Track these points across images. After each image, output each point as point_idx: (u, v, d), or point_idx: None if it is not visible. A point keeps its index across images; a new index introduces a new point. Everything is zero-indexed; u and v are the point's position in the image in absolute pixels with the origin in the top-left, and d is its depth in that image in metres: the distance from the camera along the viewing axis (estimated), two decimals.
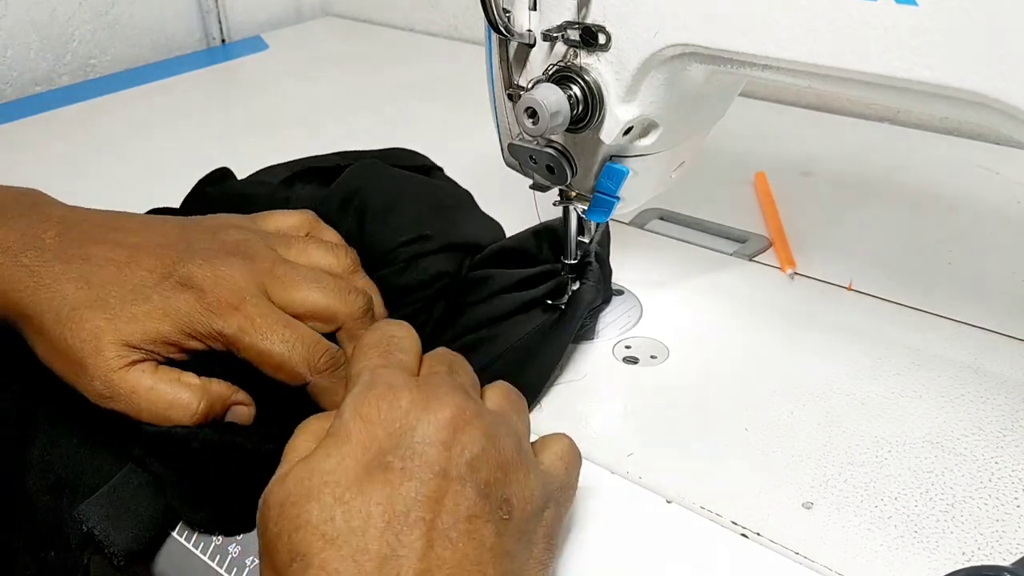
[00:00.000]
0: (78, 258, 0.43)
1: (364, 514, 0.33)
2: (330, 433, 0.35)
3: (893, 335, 0.53)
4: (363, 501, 0.33)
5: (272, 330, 0.43)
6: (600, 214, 0.51)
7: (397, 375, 0.37)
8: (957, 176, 0.74)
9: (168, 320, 0.42)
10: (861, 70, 0.38)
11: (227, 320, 0.42)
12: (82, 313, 0.41)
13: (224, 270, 0.44)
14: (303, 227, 0.51)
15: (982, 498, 0.42)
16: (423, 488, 0.33)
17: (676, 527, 0.42)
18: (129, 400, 0.41)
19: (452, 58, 1.10)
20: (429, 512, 0.33)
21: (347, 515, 0.32)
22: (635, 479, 0.44)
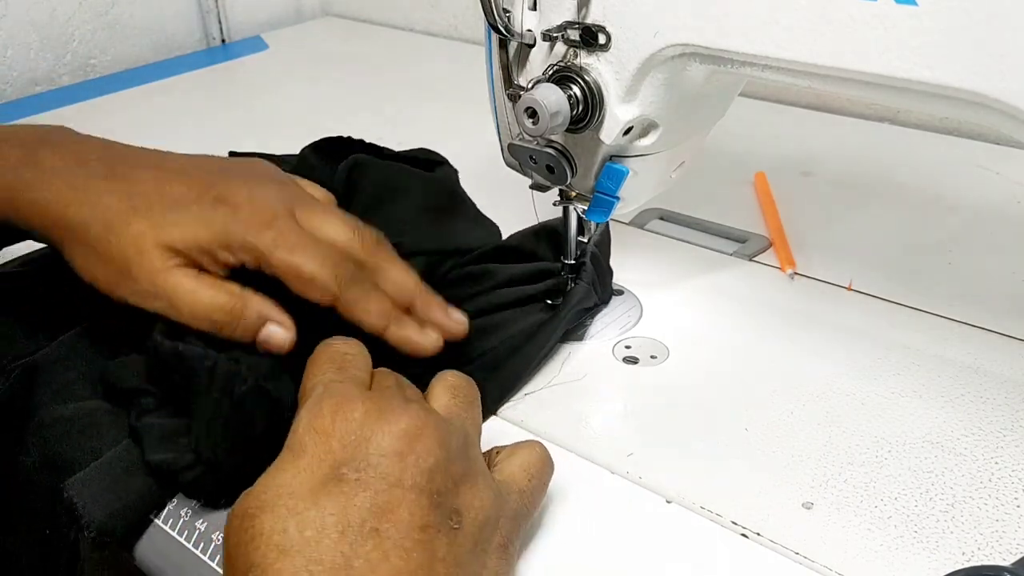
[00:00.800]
0: (120, 178, 0.45)
1: (318, 525, 0.33)
2: (286, 447, 0.36)
3: (893, 335, 0.53)
4: (318, 512, 0.33)
5: (303, 246, 0.45)
6: (600, 214, 0.51)
7: (350, 388, 0.37)
8: (957, 176, 0.74)
9: (206, 229, 0.44)
10: (861, 70, 0.38)
11: (260, 234, 0.44)
12: (126, 218, 0.44)
13: (259, 190, 0.46)
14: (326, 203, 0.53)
15: (982, 498, 0.42)
16: (378, 499, 0.34)
17: (676, 527, 0.42)
18: (171, 299, 0.43)
19: (452, 58, 1.10)
20: (384, 522, 0.33)
21: (300, 526, 0.33)
22: (635, 479, 0.44)
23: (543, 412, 0.49)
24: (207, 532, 0.44)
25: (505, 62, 0.49)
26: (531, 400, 0.49)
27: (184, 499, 0.45)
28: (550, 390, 0.50)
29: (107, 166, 0.46)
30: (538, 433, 0.47)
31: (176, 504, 0.45)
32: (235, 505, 0.35)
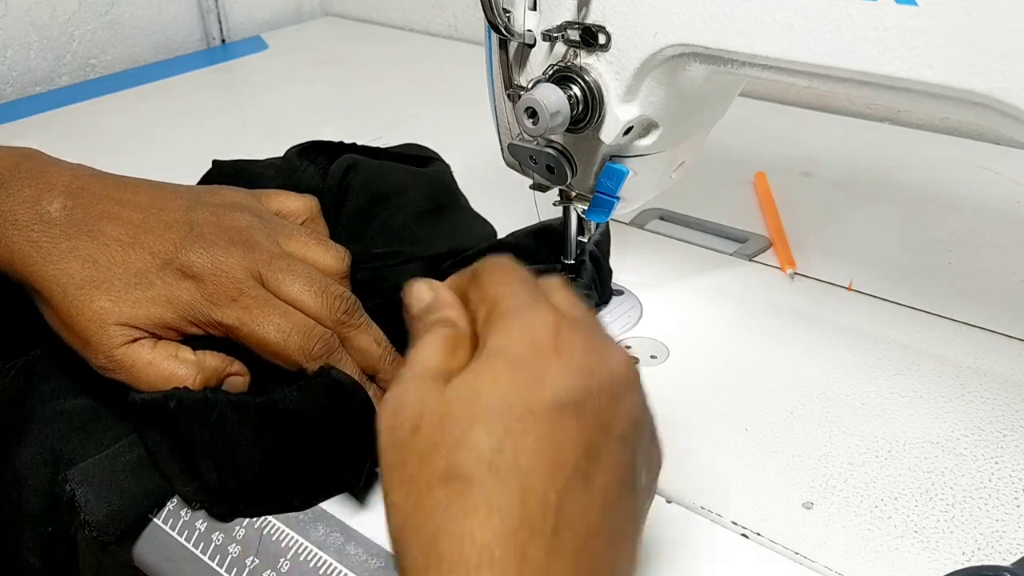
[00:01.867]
0: (84, 234, 0.45)
1: (535, 451, 0.31)
2: (499, 355, 0.33)
3: (893, 335, 0.53)
4: (535, 440, 0.31)
5: (269, 320, 0.44)
6: (600, 214, 0.51)
7: (557, 312, 0.34)
8: (957, 176, 0.74)
9: (170, 307, 0.44)
10: (861, 70, 0.38)
11: (226, 311, 0.44)
12: (89, 293, 0.43)
13: (223, 260, 0.45)
14: (304, 213, 0.53)
15: (982, 498, 0.42)
16: (592, 441, 0.32)
17: (676, 527, 0.42)
18: (130, 373, 0.43)
19: (452, 58, 1.10)
20: (594, 467, 0.31)
21: (517, 450, 0.30)
22: None
23: None
24: (207, 532, 0.44)
25: (505, 62, 0.49)
26: None
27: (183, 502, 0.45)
28: None
29: (70, 219, 0.45)
30: None
31: (176, 504, 0.45)
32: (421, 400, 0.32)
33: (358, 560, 0.41)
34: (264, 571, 0.42)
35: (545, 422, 0.31)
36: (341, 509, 0.44)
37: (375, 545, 0.41)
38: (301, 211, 0.52)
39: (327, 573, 0.41)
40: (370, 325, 0.47)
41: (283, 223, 0.50)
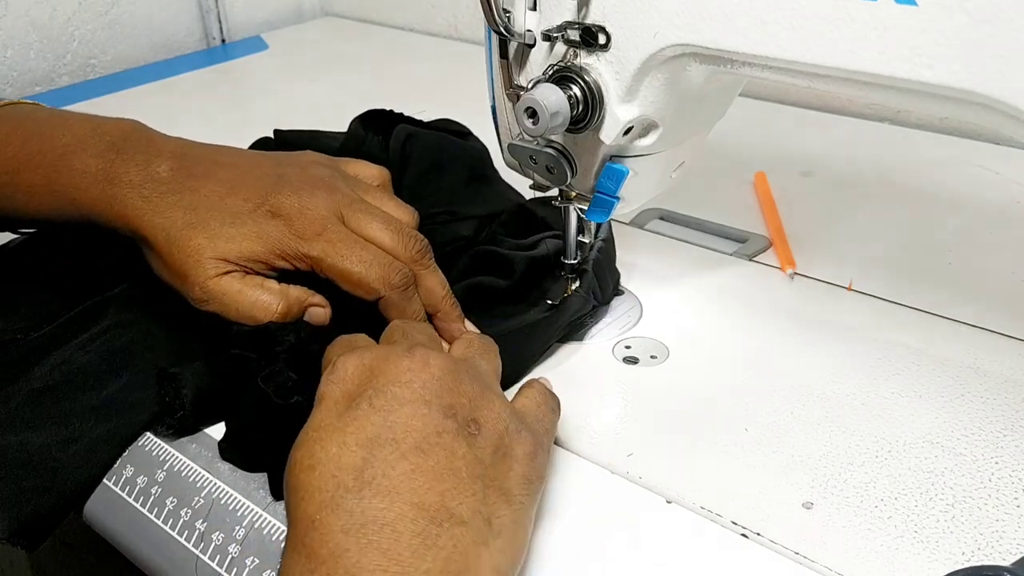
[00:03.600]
0: (187, 190, 0.51)
1: (339, 441, 0.37)
2: (315, 401, 0.40)
3: (893, 335, 0.53)
4: (339, 434, 0.37)
5: (351, 251, 0.50)
6: (600, 214, 0.51)
7: (361, 347, 0.42)
8: (957, 176, 0.74)
9: (260, 241, 0.49)
10: (861, 70, 0.38)
11: (312, 244, 0.50)
12: (187, 233, 0.49)
13: (309, 201, 0.51)
14: (378, 179, 0.58)
15: (982, 498, 0.42)
16: (391, 416, 0.37)
17: (676, 527, 0.42)
18: (221, 302, 0.49)
19: (452, 58, 1.10)
20: (399, 433, 0.37)
21: (325, 446, 0.37)
22: (635, 479, 0.44)
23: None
24: (207, 532, 0.44)
25: (505, 62, 0.49)
26: None
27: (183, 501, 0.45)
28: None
29: (175, 177, 0.51)
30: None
31: (176, 504, 0.45)
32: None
33: None
34: (264, 571, 0.42)
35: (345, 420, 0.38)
36: None
37: None
38: (376, 177, 0.58)
39: None
40: (437, 269, 0.53)
41: (360, 181, 0.56)
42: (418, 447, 0.36)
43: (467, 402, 0.39)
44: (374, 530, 0.34)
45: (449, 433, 0.37)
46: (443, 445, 0.37)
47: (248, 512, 0.44)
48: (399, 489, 0.35)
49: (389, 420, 0.37)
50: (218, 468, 0.46)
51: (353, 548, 0.34)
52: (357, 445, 0.36)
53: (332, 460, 0.36)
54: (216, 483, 0.46)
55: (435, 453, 0.36)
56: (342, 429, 0.37)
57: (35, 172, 0.52)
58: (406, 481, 0.35)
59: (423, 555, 0.34)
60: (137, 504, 0.47)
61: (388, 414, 0.37)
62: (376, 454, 0.36)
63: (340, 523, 0.34)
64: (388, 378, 0.39)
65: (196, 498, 0.45)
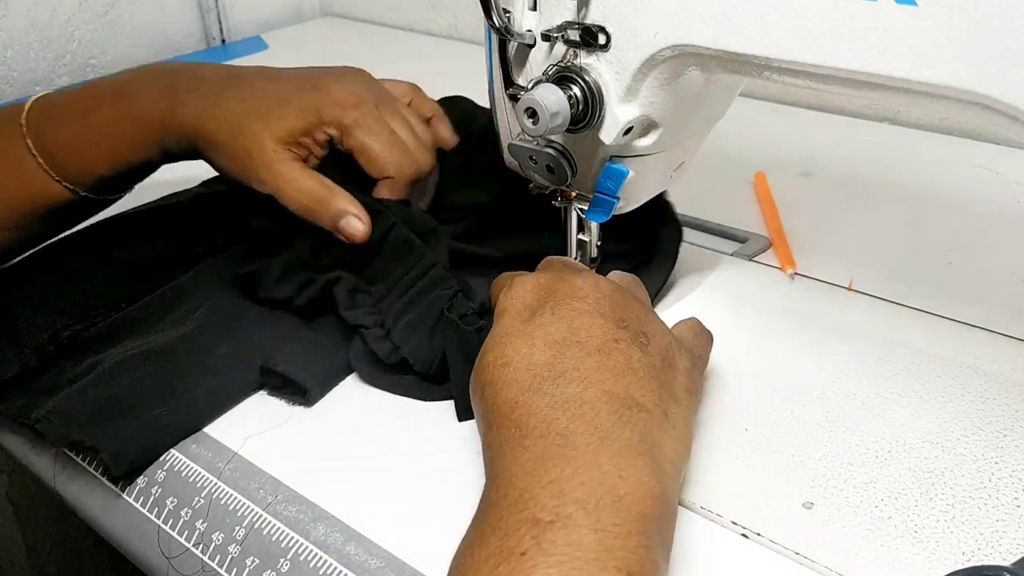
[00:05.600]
0: (235, 86, 0.57)
1: (529, 342, 0.41)
2: (495, 315, 0.45)
3: (893, 335, 0.53)
4: (527, 337, 0.41)
5: (380, 132, 0.57)
6: (600, 214, 0.51)
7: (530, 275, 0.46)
8: (957, 176, 0.74)
9: (304, 114, 0.55)
10: (861, 70, 0.38)
11: (347, 112, 0.56)
12: (246, 121, 0.55)
13: (349, 83, 0.58)
14: (407, 95, 0.64)
15: (982, 498, 0.42)
16: (573, 323, 0.41)
17: (676, 527, 0.41)
18: (278, 185, 0.54)
19: (452, 58, 1.10)
20: (582, 336, 0.41)
21: (516, 347, 0.41)
22: None
23: None
24: (207, 532, 0.44)
25: (505, 62, 0.49)
26: None
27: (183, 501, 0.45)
28: None
29: (226, 79, 0.57)
30: None
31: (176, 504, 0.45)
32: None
33: (358, 560, 0.41)
34: (264, 571, 0.42)
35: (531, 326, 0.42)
36: (341, 509, 0.44)
37: (375, 545, 0.41)
38: (406, 92, 0.64)
39: (327, 573, 0.41)
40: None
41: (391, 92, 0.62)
42: (600, 348, 0.40)
43: (635, 318, 0.43)
44: (576, 405, 0.38)
45: (624, 340, 0.41)
46: (621, 350, 0.41)
47: (248, 512, 0.44)
48: (590, 379, 0.39)
49: (572, 325, 0.41)
50: (218, 468, 0.46)
51: (561, 418, 0.38)
52: (546, 345, 0.40)
53: (524, 358, 0.40)
54: (216, 483, 0.46)
55: (615, 355, 0.40)
56: (530, 334, 0.41)
57: (104, 108, 0.57)
58: (595, 373, 0.39)
59: (622, 427, 0.38)
60: (137, 504, 0.47)
61: (570, 321, 0.41)
62: (564, 352, 0.40)
63: (544, 401, 0.38)
64: (565, 292, 0.43)
65: (196, 498, 0.45)
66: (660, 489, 0.36)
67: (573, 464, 0.36)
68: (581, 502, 0.34)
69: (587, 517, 0.34)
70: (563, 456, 0.36)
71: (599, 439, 0.37)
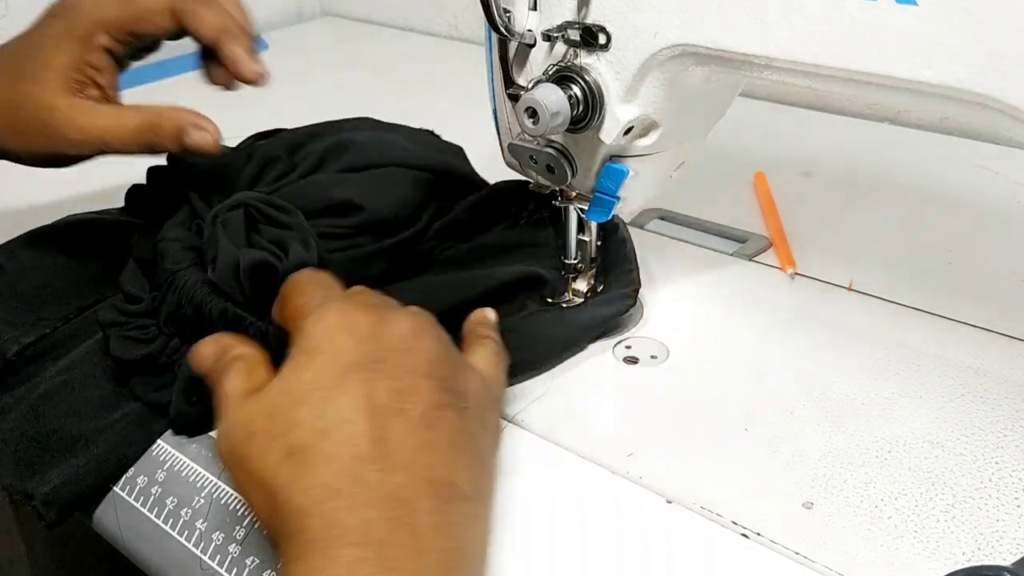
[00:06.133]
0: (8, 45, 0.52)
1: (351, 407, 0.36)
2: (301, 351, 0.38)
3: (893, 335, 0.53)
4: (348, 398, 0.36)
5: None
6: (600, 214, 0.51)
7: (346, 300, 0.41)
8: (957, 176, 0.74)
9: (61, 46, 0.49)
10: (861, 70, 0.38)
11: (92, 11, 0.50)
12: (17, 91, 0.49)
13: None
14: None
15: (982, 498, 0.42)
16: (397, 384, 0.37)
17: (676, 527, 0.42)
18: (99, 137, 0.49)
19: (452, 58, 1.10)
20: (406, 403, 0.36)
21: (336, 410, 0.35)
22: (635, 479, 0.44)
23: (543, 412, 0.49)
24: (207, 532, 0.44)
25: (505, 62, 0.49)
26: (530, 399, 0.49)
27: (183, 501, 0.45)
28: (550, 390, 0.50)
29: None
30: (538, 433, 0.47)
31: (176, 504, 0.45)
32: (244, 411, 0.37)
33: None
34: (264, 571, 0.42)
35: (351, 382, 0.36)
36: None
37: None
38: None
39: None
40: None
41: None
42: (423, 420, 0.36)
43: (454, 374, 0.39)
44: (396, 505, 0.34)
45: (447, 407, 0.38)
46: (444, 419, 0.37)
47: (248, 512, 0.44)
48: (414, 464, 0.35)
49: (398, 386, 0.37)
50: (218, 468, 0.46)
51: (381, 521, 0.34)
52: (369, 413, 0.36)
53: (347, 426, 0.35)
54: (216, 483, 0.46)
55: (438, 428, 0.37)
56: (352, 392, 0.36)
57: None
58: (419, 455, 0.36)
59: (437, 533, 0.34)
60: (137, 504, 0.47)
61: (395, 381, 0.37)
62: (388, 425, 0.36)
63: (365, 495, 0.34)
64: (389, 344, 0.38)
65: (196, 498, 0.45)
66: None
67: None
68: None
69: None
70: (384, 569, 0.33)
71: (415, 554, 0.33)
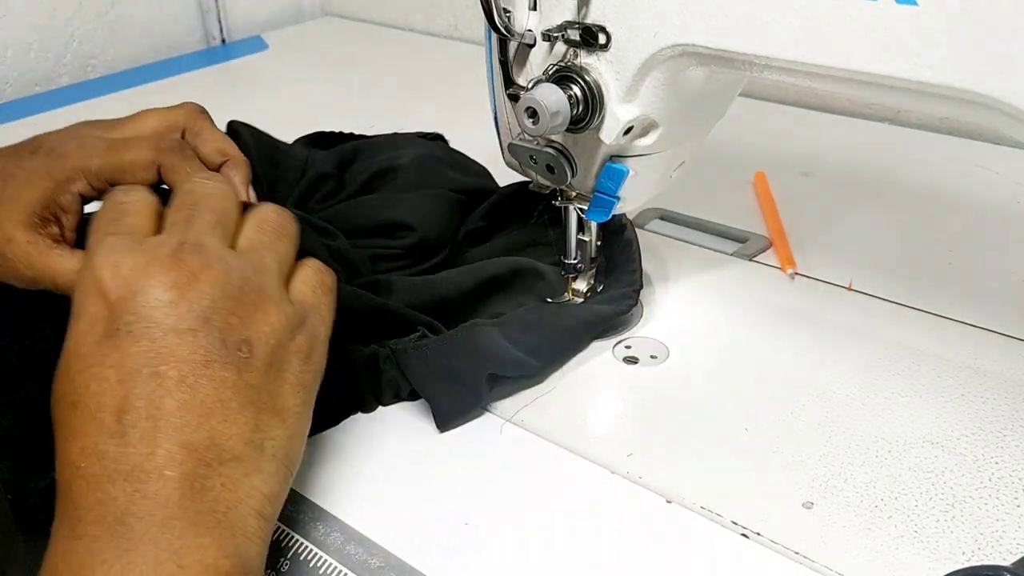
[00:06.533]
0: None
1: (100, 376, 0.34)
2: (71, 314, 0.37)
3: (893, 335, 0.53)
4: (100, 367, 0.34)
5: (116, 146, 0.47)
6: (600, 214, 0.51)
7: (120, 241, 0.37)
8: (957, 176, 0.74)
9: (33, 186, 0.46)
10: (861, 70, 0.38)
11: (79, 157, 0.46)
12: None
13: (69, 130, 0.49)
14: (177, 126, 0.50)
15: (982, 498, 0.42)
16: (154, 346, 0.35)
17: (676, 527, 0.42)
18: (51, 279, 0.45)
19: (452, 58, 1.10)
20: (163, 365, 0.34)
21: (85, 380, 0.34)
22: (635, 479, 0.44)
23: (543, 412, 0.49)
24: None
25: (505, 62, 0.49)
26: (530, 399, 0.49)
27: None
28: (550, 390, 0.50)
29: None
30: (538, 433, 0.47)
31: None
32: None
33: (358, 560, 0.41)
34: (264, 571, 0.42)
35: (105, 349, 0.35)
36: (341, 509, 0.44)
37: (375, 545, 0.41)
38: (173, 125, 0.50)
39: (327, 573, 0.41)
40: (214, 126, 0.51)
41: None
42: (183, 380, 0.34)
43: (237, 320, 0.36)
44: (140, 477, 0.33)
45: (218, 362, 0.35)
46: (211, 376, 0.35)
47: None
48: (164, 430, 0.33)
49: (152, 350, 0.34)
50: None
51: (121, 496, 0.32)
52: (118, 381, 0.34)
53: (93, 397, 0.34)
54: None
55: (202, 386, 0.35)
56: (101, 361, 0.34)
57: None
58: (173, 419, 0.34)
59: (191, 498, 0.33)
60: None
61: (151, 343, 0.34)
62: (138, 391, 0.34)
63: (105, 472, 0.33)
64: (149, 299, 0.35)
65: None
66: (229, 565, 0.33)
67: (124, 560, 0.31)
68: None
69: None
70: (116, 549, 0.32)
71: (161, 522, 0.32)
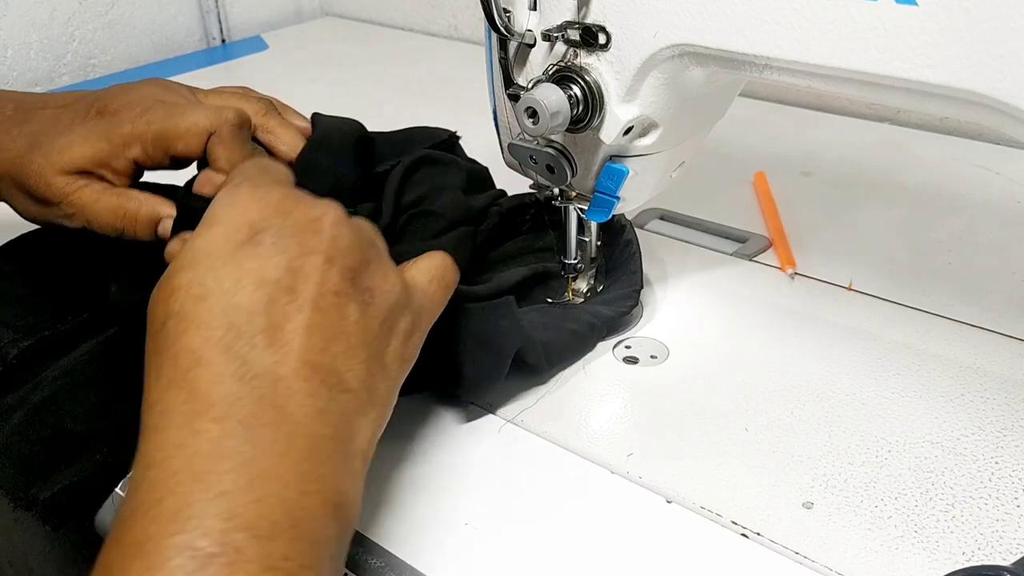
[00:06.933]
0: (26, 121, 0.51)
1: (236, 277, 0.34)
2: (203, 221, 0.37)
3: (893, 335, 0.53)
4: (236, 267, 0.35)
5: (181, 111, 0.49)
6: (600, 214, 0.51)
7: (269, 179, 0.39)
8: (957, 176, 0.74)
9: (91, 140, 0.48)
10: (861, 70, 0.38)
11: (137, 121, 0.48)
12: (28, 157, 0.49)
13: (135, 92, 0.51)
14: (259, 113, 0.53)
15: (982, 498, 0.42)
16: (294, 263, 0.35)
17: (676, 527, 0.42)
18: (83, 215, 0.48)
19: (452, 58, 1.10)
20: (299, 282, 0.35)
21: (219, 279, 0.34)
22: (635, 479, 0.44)
23: (543, 412, 0.49)
24: None
25: (505, 62, 0.49)
26: (530, 399, 0.49)
27: None
28: (550, 390, 0.50)
29: (16, 114, 0.51)
30: (538, 433, 0.47)
31: None
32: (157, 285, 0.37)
33: (358, 560, 0.41)
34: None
35: (243, 255, 0.35)
36: None
37: (375, 545, 0.41)
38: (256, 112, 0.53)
39: None
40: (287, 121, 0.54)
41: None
42: (315, 302, 0.35)
43: (365, 266, 0.37)
44: (268, 383, 0.33)
45: (345, 295, 0.36)
46: (338, 306, 0.35)
47: None
48: (293, 344, 0.34)
49: (293, 265, 0.35)
50: None
51: (248, 398, 0.32)
52: (254, 286, 0.34)
53: (225, 296, 0.34)
54: None
55: (329, 312, 0.35)
56: (240, 264, 0.35)
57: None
58: (300, 335, 0.34)
59: (314, 419, 0.33)
60: None
61: (292, 259, 0.35)
62: (274, 300, 0.34)
63: (232, 368, 0.33)
64: (296, 221, 0.36)
65: None
66: (339, 500, 0.33)
67: (251, 471, 0.31)
68: (254, 528, 0.30)
69: (258, 550, 0.29)
70: (240, 456, 0.31)
71: (287, 437, 0.32)
